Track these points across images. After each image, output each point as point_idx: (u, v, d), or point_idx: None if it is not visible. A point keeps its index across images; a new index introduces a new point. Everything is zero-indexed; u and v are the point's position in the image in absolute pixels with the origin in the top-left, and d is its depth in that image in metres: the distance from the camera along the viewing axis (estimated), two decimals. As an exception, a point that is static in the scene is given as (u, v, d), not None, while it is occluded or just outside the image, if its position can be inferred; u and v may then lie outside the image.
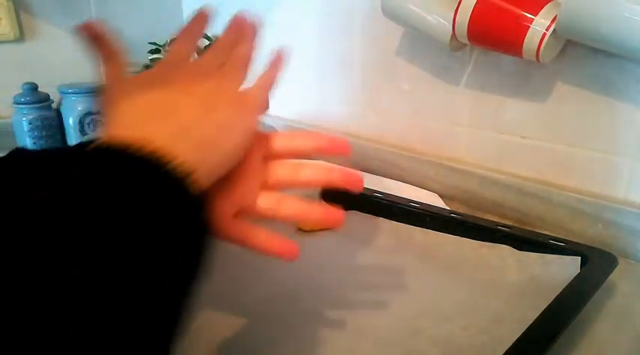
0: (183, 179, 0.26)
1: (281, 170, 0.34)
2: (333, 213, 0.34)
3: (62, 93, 0.89)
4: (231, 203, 0.32)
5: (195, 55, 0.39)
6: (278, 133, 0.36)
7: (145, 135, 0.27)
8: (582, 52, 0.55)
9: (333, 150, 0.35)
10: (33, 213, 0.22)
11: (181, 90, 0.32)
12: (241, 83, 0.35)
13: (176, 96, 0.31)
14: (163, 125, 0.29)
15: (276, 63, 0.38)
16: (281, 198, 0.34)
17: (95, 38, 0.34)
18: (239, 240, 0.33)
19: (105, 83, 0.34)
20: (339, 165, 0.38)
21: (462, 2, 0.56)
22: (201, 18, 0.38)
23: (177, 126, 0.29)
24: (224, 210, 0.32)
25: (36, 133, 0.85)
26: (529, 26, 0.52)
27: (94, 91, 0.89)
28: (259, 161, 0.34)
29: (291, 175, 0.34)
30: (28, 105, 0.85)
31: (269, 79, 0.37)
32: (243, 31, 0.38)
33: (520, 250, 0.50)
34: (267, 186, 0.34)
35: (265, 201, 0.33)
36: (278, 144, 0.35)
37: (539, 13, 0.51)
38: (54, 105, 0.90)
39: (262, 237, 0.33)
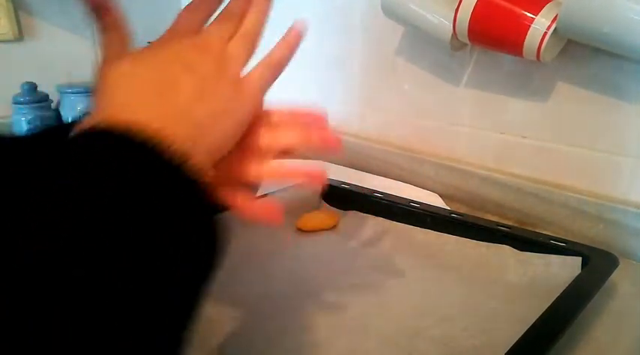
0: (182, 164, 0.26)
1: (262, 138, 0.35)
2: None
3: (61, 92, 0.89)
4: (225, 175, 0.33)
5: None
6: (274, 112, 0.36)
7: (142, 118, 0.26)
8: (583, 52, 0.55)
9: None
10: (33, 210, 0.22)
11: (183, 67, 0.31)
12: (246, 62, 0.34)
13: (177, 73, 0.31)
14: (161, 106, 0.29)
15: (290, 40, 0.36)
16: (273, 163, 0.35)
17: (98, 7, 0.33)
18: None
19: (103, 55, 0.32)
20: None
21: (462, 1, 0.56)
22: None
23: (175, 108, 0.29)
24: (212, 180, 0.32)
25: (35, 133, 0.85)
26: (530, 26, 0.52)
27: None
28: (257, 139, 0.35)
29: (271, 139, 0.35)
30: (27, 105, 0.85)
31: (278, 59, 0.35)
32: None
33: (520, 250, 0.50)
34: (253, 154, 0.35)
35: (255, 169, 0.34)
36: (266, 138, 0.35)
37: (540, 13, 0.51)
38: (53, 105, 0.90)
39: (240, 199, 0.33)
